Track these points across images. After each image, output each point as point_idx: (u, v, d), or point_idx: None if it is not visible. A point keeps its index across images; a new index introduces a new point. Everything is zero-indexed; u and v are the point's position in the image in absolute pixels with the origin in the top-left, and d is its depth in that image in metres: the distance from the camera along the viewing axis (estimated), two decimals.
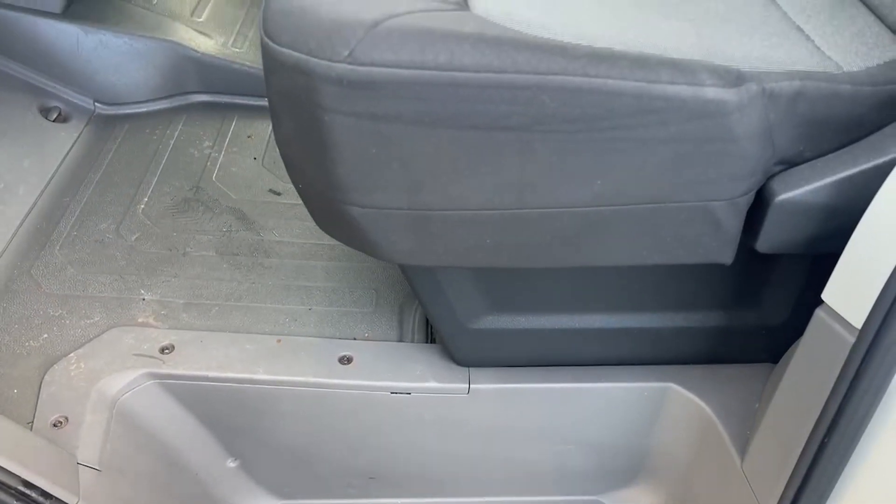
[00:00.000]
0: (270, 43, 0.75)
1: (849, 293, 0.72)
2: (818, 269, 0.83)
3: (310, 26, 0.72)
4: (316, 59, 0.71)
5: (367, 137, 0.75)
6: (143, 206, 1.34)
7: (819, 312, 0.77)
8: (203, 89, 1.62)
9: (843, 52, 0.82)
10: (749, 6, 0.91)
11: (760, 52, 0.80)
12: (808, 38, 0.85)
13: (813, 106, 0.77)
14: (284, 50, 0.73)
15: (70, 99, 1.51)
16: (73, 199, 1.33)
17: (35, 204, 1.29)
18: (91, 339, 1.08)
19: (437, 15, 0.75)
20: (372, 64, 0.71)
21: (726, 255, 0.85)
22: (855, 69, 0.80)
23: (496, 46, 0.72)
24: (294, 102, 0.76)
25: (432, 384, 1.05)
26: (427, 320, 1.16)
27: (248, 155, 1.50)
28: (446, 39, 0.72)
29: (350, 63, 0.71)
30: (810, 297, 0.80)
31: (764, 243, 0.83)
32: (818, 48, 0.83)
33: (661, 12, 0.86)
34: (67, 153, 1.41)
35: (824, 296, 0.76)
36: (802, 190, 0.78)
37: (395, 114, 0.74)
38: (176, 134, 1.52)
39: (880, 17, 0.86)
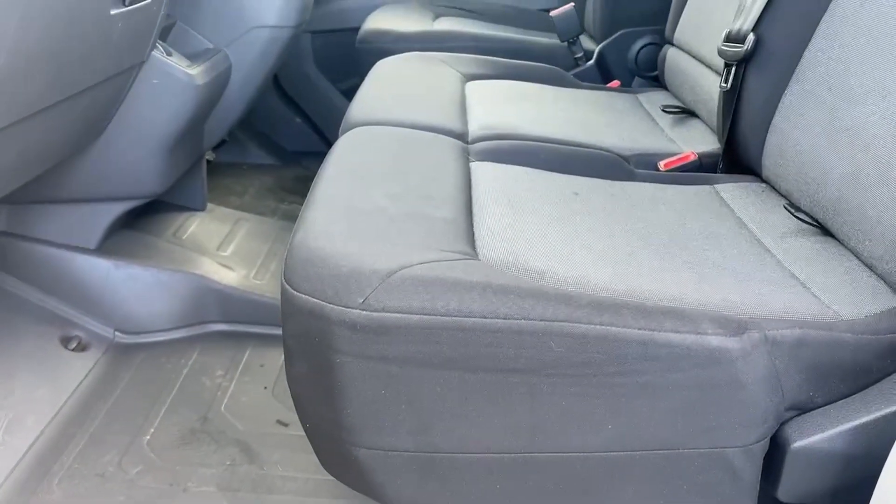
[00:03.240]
0: (290, 289, 0.79)
1: None
2: None
3: (328, 275, 0.77)
4: (332, 306, 0.75)
5: (377, 379, 0.77)
6: (148, 438, 1.32)
7: None
8: (221, 319, 1.67)
9: (840, 300, 0.85)
10: (744, 254, 0.96)
11: (759, 299, 0.83)
12: (804, 285, 0.88)
13: (816, 353, 0.78)
14: (303, 296, 0.77)
15: (91, 328, 1.56)
16: (80, 430, 1.32)
17: (41, 434, 1.28)
18: None
19: (448, 265, 0.80)
20: (384, 310, 0.74)
21: None
22: (853, 317, 0.82)
23: (503, 295, 0.75)
24: (308, 345, 0.79)
25: None
26: None
27: (259, 384, 1.50)
28: (456, 288, 0.75)
29: (364, 309, 0.74)
30: None
31: (785, 492, 0.80)
32: (815, 296, 0.86)
33: (660, 260, 0.90)
34: (81, 382, 1.42)
35: None
36: (818, 437, 0.77)
37: (405, 356, 0.76)
38: (190, 363, 1.54)
39: (869, 267, 0.90)
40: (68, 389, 1.39)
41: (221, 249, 1.83)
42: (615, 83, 1.84)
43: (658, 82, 1.77)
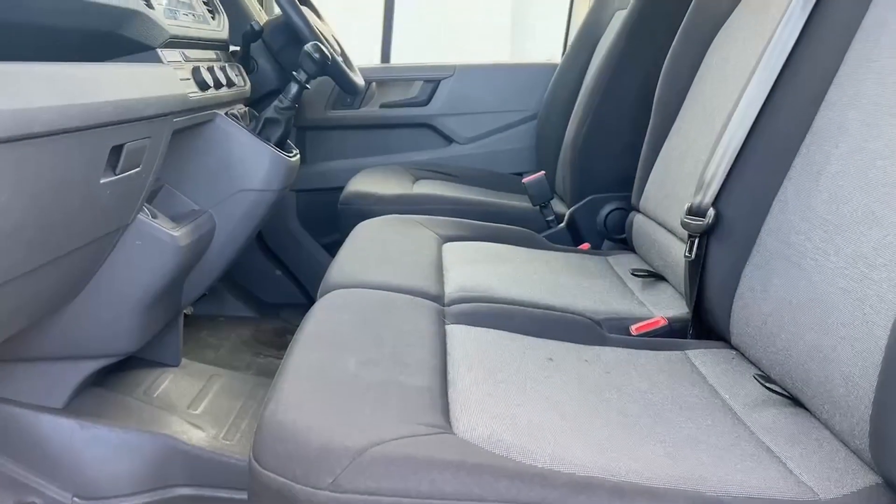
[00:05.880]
0: (257, 466, 0.77)
1: None
2: None
3: (297, 453, 0.75)
4: (300, 486, 0.73)
5: None
6: None
7: None
8: (187, 482, 1.61)
9: (817, 476, 0.84)
10: (718, 425, 0.96)
11: (735, 476, 0.82)
12: (779, 460, 0.88)
13: None
14: (270, 475, 0.75)
15: (49, 493, 1.48)
16: None
17: None
18: None
19: (420, 440, 0.79)
20: (354, 492, 0.72)
21: None
22: (832, 497, 0.81)
23: (476, 474, 0.74)
24: None
25: None
26: None
27: None
28: (428, 467, 0.74)
29: (333, 490, 0.72)
30: None
31: None
32: (791, 472, 0.85)
33: (634, 434, 0.90)
34: None
35: None
36: None
37: None
38: None
39: (844, 442, 0.90)
40: None
41: (192, 407, 1.79)
42: (585, 245, 1.91)
43: (627, 245, 1.84)
